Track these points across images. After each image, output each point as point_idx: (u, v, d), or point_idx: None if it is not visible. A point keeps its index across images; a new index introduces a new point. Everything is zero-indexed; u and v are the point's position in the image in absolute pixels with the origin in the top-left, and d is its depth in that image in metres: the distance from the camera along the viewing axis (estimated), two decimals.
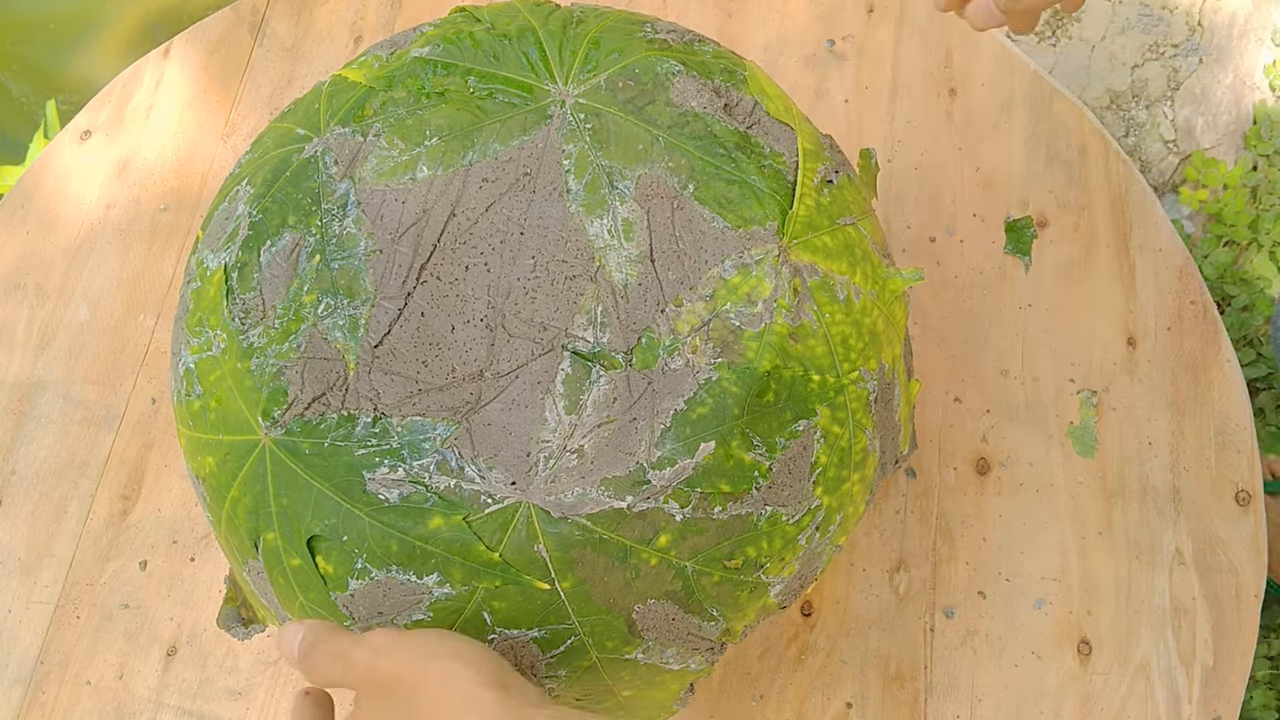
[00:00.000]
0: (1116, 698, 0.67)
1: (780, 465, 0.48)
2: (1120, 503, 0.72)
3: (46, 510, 0.80)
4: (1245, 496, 0.71)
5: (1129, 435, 0.73)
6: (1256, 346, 1.35)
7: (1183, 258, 0.78)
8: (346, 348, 0.47)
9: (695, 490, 0.46)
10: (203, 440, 0.50)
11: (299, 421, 0.46)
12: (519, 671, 0.46)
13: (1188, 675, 0.68)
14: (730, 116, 0.52)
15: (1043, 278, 0.78)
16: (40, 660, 0.75)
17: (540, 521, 0.45)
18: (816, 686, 0.69)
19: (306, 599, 0.48)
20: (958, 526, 0.72)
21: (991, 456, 0.74)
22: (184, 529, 0.78)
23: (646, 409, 0.46)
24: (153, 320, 0.86)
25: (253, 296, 0.49)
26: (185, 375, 0.51)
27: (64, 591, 0.77)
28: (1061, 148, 0.82)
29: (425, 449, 0.45)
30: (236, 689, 0.73)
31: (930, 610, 0.70)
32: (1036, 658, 0.68)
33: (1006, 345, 0.77)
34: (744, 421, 0.47)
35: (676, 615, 0.48)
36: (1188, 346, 0.76)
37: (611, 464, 0.45)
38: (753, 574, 0.49)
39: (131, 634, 0.75)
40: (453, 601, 0.46)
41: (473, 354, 0.46)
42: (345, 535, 0.46)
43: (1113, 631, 0.69)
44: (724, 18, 0.90)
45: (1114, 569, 0.70)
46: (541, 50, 0.53)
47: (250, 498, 0.48)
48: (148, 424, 0.82)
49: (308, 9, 0.96)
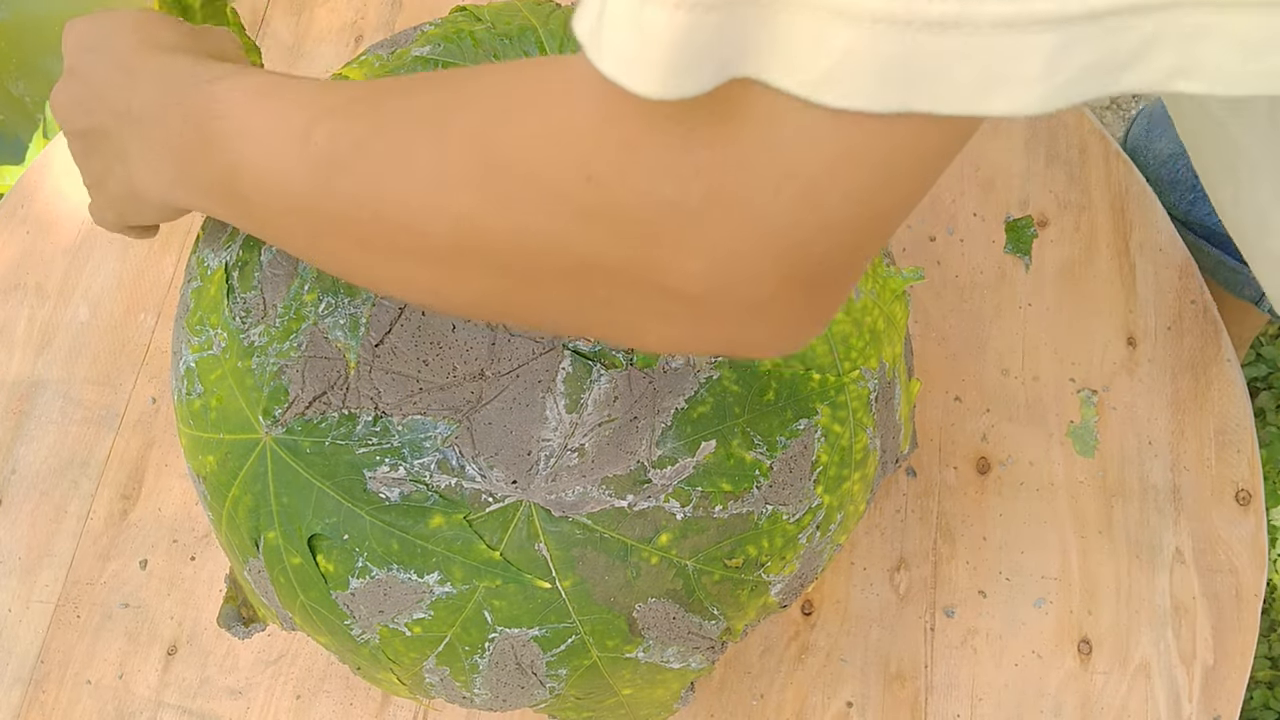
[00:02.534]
0: (1116, 697, 0.67)
1: (781, 464, 0.48)
2: (1120, 502, 0.72)
3: (46, 510, 0.80)
4: (1245, 496, 0.71)
5: (1129, 435, 0.73)
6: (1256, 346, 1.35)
7: (1183, 257, 0.78)
8: (347, 346, 0.47)
9: (696, 489, 0.46)
10: (203, 439, 0.50)
11: (300, 420, 0.46)
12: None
13: (1188, 675, 0.68)
14: None
15: (1043, 277, 0.78)
16: (40, 660, 0.75)
17: (541, 520, 0.45)
18: (817, 685, 0.69)
19: (307, 597, 0.48)
20: (958, 526, 0.72)
21: (992, 456, 0.74)
22: (184, 528, 0.78)
23: (647, 408, 0.46)
24: (153, 320, 0.85)
25: (253, 295, 0.49)
26: (186, 374, 0.51)
27: (64, 591, 0.77)
28: (1061, 148, 0.82)
29: (426, 448, 0.45)
30: (237, 688, 0.73)
31: (930, 609, 0.70)
32: (1037, 657, 0.68)
33: (1007, 345, 0.77)
34: (745, 420, 0.47)
35: (677, 614, 0.48)
36: (1188, 346, 0.76)
37: (612, 463, 0.45)
38: (753, 573, 0.49)
39: (131, 633, 0.75)
40: (453, 600, 0.46)
41: (473, 353, 0.46)
42: (346, 534, 0.46)
43: (1113, 631, 0.69)
44: None
45: (1114, 568, 0.70)
46: (542, 49, 0.53)
47: (251, 496, 0.48)
48: (148, 423, 0.82)
49: (308, 9, 0.96)
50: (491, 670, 0.48)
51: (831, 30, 0.24)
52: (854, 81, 0.25)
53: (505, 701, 0.51)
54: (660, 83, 0.25)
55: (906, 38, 0.24)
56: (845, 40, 0.24)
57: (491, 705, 0.52)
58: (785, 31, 0.25)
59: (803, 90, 0.25)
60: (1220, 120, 0.50)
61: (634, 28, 0.25)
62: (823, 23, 0.24)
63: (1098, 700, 0.67)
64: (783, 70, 0.25)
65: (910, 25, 0.24)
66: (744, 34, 0.25)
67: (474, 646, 0.47)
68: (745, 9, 0.25)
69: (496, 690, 0.50)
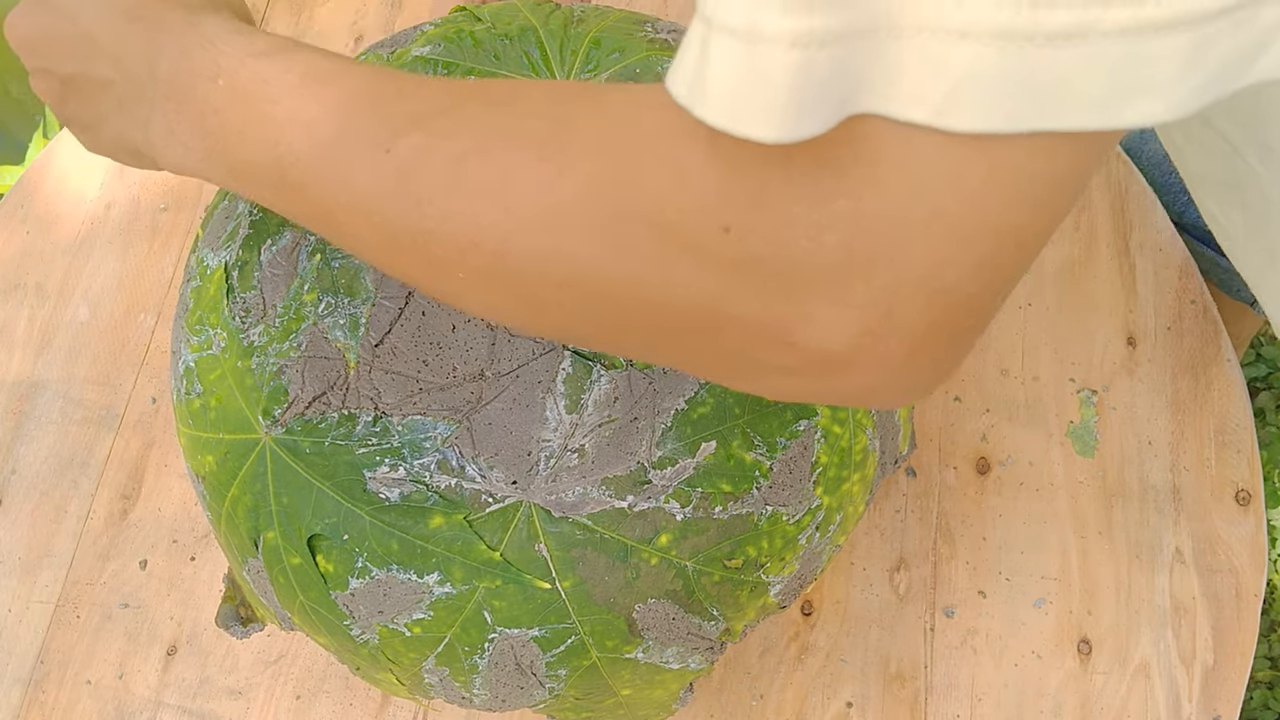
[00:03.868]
0: (1116, 697, 0.67)
1: (781, 465, 0.48)
2: (1120, 502, 0.72)
3: (46, 510, 0.80)
4: (1245, 496, 0.71)
5: (1129, 435, 0.73)
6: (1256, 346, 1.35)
7: (1183, 257, 0.78)
8: (347, 347, 0.47)
9: (696, 490, 0.46)
10: (203, 439, 0.50)
11: (299, 420, 0.46)
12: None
13: (1188, 675, 0.68)
14: None
15: (1043, 277, 0.78)
16: (40, 660, 0.75)
17: (541, 521, 0.45)
18: (816, 686, 0.69)
19: (306, 598, 0.48)
20: (958, 526, 0.72)
21: (992, 456, 0.74)
22: (184, 528, 0.78)
23: (647, 408, 0.46)
24: (153, 320, 0.85)
25: (253, 295, 0.49)
26: (185, 374, 0.51)
27: (64, 591, 0.77)
28: None
29: (426, 448, 0.45)
30: (236, 688, 0.73)
31: (930, 610, 0.70)
32: (1036, 657, 0.68)
33: (1007, 344, 0.77)
34: (745, 421, 0.47)
35: (677, 615, 0.48)
36: (1188, 346, 0.76)
37: (612, 463, 0.45)
38: (753, 573, 0.49)
39: (131, 634, 0.75)
40: (453, 600, 0.46)
41: (473, 353, 0.46)
42: (346, 534, 0.46)
43: (1113, 631, 0.69)
44: None
45: (1114, 569, 0.70)
46: (542, 49, 0.53)
47: (250, 496, 0.48)
48: (148, 423, 0.82)
49: (308, 9, 0.96)
50: (491, 671, 0.48)
51: (951, 51, 0.23)
52: (981, 103, 0.24)
53: (505, 702, 0.51)
54: (778, 126, 0.24)
55: (1029, 53, 0.23)
56: (966, 60, 0.23)
57: (491, 705, 0.52)
58: (902, 58, 0.24)
59: (929, 118, 0.24)
60: (1236, 148, 0.49)
61: (746, 72, 0.24)
62: (942, 45, 0.23)
63: (1098, 700, 0.67)
64: (905, 100, 0.24)
65: (1032, 40, 0.23)
66: (860, 66, 0.24)
67: (473, 647, 0.47)
68: (860, 40, 0.24)
69: (496, 690, 0.50)
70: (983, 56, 0.23)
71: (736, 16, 0.24)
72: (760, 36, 0.24)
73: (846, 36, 0.24)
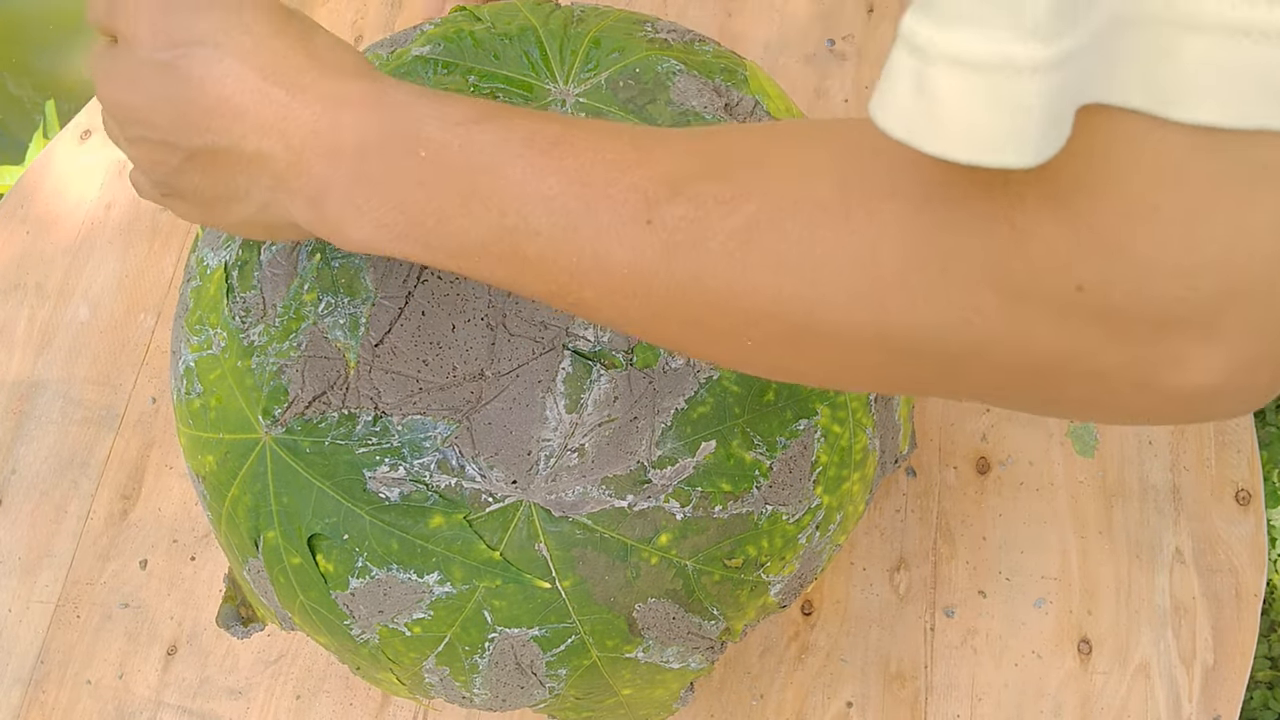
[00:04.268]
0: (1116, 697, 0.67)
1: (781, 464, 0.48)
2: (1120, 502, 0.72)
3: (46, 510, 0.80)
4: (1245, 496, 0.71)
5: (1129, 435, 0.73)
6: None
7: None
8: (347, 346, 0.47)
9: (696, 489, 0.46)
10: (203, 439, 0.50)
11: (299, 420, 0.46)
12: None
13: (1188, 675, 0.68)
14: (731, 116, 0.52)
15: None
16: (40, 660, 0.75)
17: (541, 520, 0.45)
18: (817, 686, 0.69)
19: (307, 597, 0.48)
20: (958, 526, 0.72)
21: (992, 456, 0.74)
22: (184, 528, 0.78)
23: (647, 408, 0.46)
24: (153, 320, 0.85)
25: (253, 295, 0.49)
26: (185, 373, 0.51)
27: (64, 591, 0.77)
28: None
29: (426, 448, 0.45)
30: (236, 688, 0.73)
31: (930, 609, 0.70)
32: (1036, 657, 0.68)
33: None
34: (745, 420, 0.47)
35: (677, 614, 0.48)
36: None
37: (612, 463, 0.45)
38: (753, 573, 0.49)
39: (131, 633, 0.75)
40: (453, 600, 0.46)
41: (473, 353, 0.46)
42: (346, 534, 0.46)
43: (1113, 631, 0.69)
44: (724, 17, 0.90)
45: (1114, 568, 0.70)
46: (542, 49, 0.53)
47: (251, 496, 0.48)
48: (148, 423, 0.82)
49: (307, 9, 0.96)
50: (491, 670, 0.48)
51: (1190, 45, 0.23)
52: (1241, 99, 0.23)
53: (505, 701, 0.51)
54: (1034, 150, 0.24)
55: (1264, 49, 0.23)
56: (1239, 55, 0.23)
57: (491, 705, 0.52)
58: (1132, 52, 0.23)
59: (1210, 116, 0.24)
60: None
61: (993, 103, 0.23)
62: (1172, 39, 0.23)
63: (1098, 700, 0.67)
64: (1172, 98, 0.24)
65: (1268, 36, 0.22)
66: (1095, 65, 0.24)
67: (474, 646, 0.48)
68: (1091, 53, 0.23)
69: (496, 690, 0.50)
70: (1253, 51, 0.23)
71: (977, 50, 0.23)
72: (1014, 69, 0.23)
73: (1081, 51, 0.23)
